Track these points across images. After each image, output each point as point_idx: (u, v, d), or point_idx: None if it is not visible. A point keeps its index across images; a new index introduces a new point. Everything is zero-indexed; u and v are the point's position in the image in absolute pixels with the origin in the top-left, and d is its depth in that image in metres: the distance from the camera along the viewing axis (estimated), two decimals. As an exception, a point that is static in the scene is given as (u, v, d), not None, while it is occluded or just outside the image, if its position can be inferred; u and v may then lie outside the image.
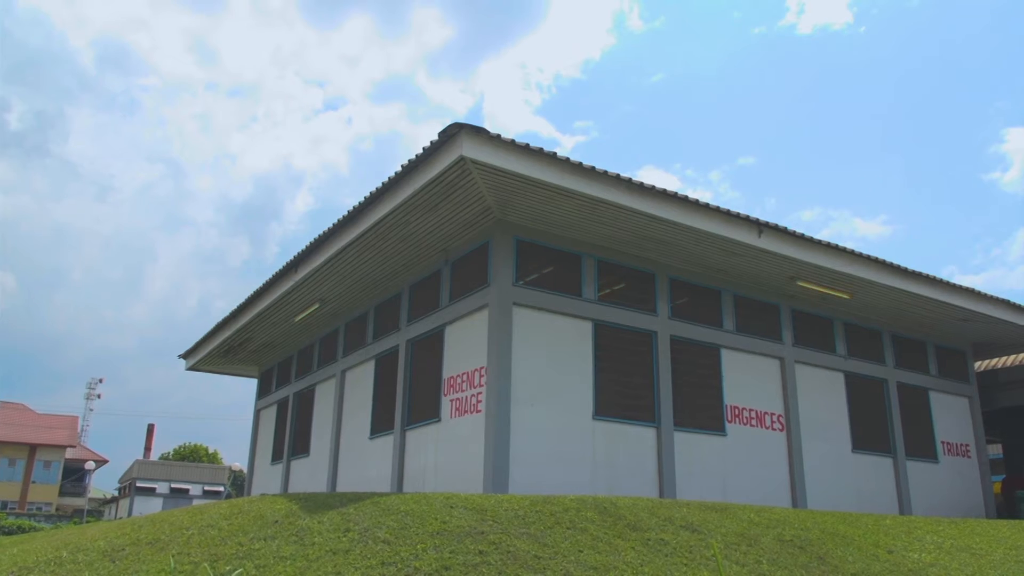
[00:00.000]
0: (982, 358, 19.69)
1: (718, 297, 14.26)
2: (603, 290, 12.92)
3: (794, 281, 14.20)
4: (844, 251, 13.62)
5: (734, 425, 13.75)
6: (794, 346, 15.03)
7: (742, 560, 7.35)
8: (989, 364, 20.07)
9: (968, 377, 18.40)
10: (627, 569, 6.55)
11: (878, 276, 14.17)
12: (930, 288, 15.01)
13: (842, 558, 8.03)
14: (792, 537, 8.47)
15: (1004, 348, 18.85)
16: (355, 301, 16.01)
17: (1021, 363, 19.51)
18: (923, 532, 10.19)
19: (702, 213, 11.98)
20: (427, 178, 10.44)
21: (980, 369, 19.52)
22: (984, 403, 18.70)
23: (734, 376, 13.99)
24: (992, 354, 19.52)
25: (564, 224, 11.99)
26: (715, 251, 12.97)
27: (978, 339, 18.07)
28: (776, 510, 10.10)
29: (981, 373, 19.30)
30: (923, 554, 8.89)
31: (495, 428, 10.89)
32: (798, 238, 13.05)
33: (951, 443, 17.46)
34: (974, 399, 18.29)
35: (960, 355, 18.41)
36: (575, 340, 12.24)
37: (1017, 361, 19.70)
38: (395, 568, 5.96)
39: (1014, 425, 22.62)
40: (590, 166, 10.70)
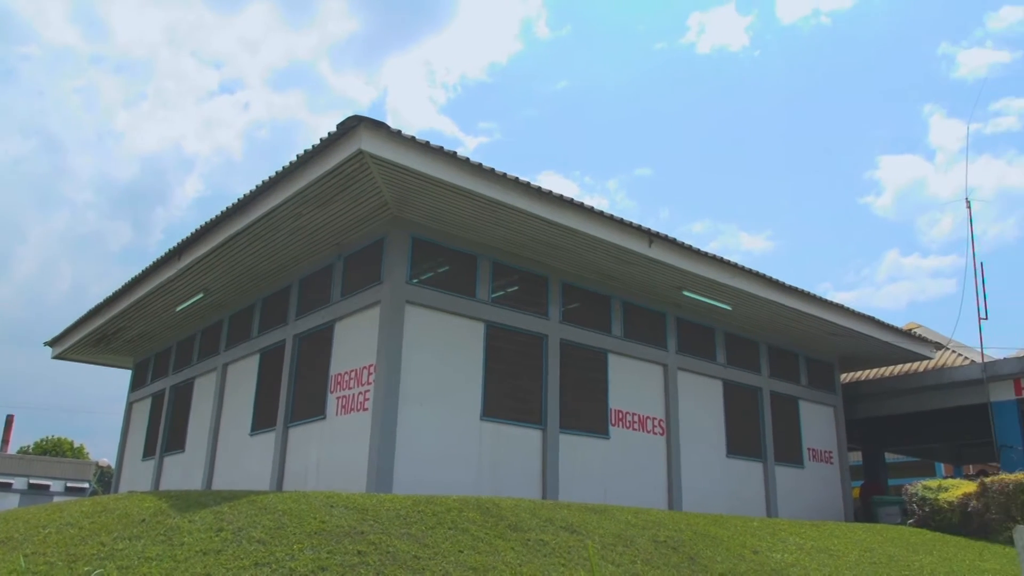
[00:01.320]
0: (847, 371, 20.98)
1: (608, 303, 14.60)
2: (497, 292, 13.00)
3: (680, 291, 14.70)
4: (728, 264, 14.21)
5: (617, 429, 14.10)
6: (677, 353, 15.56)
7: (618, 560, 7.55)
8: (853, 377, 21.41)
9: (834, 388, 19.56)
10: (506, 569, 6.61)
11: (758, 289, 14.86)
12: (805, 303, 15.86)
13: (711, 558, 8.37)
14: (666, 538, 8.76)
15: (867, 362, 20.14)
16: (241, 293, 15.48)
17: (881, 377, 20.91)
18: (787, 534, 10.74)
19: (597, 220, 12.23)
20: (323, 170, 10.22)
21: (845, 381, 20.78)
22: (847, 413, 19.92)
23: (619, 381, 14.35)
24: (856, 367, 20.83)
25: (461, 224, 11.99)
26: (608, 258, 13.27)
27: (845, 353, 19.22)
28: (652, 512, 10.42)
29: (846, 385, 20.55)
30: (785, 555, 9.37)
31: (381, 427, 10.76)
32: (686, 249, 13.52)
33: (816, 450, 18.50)
34: (838, 409, 19.45)
35: (828, 367, 19.54)
36: (467, 341, 12.25)
37: (878, 375, 21.10)
38: (269, 569, 5.80)
39: (873, 434, 24.23)
40: (490, 168, 10.75)
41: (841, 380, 20.13)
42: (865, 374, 21.43)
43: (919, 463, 35.29)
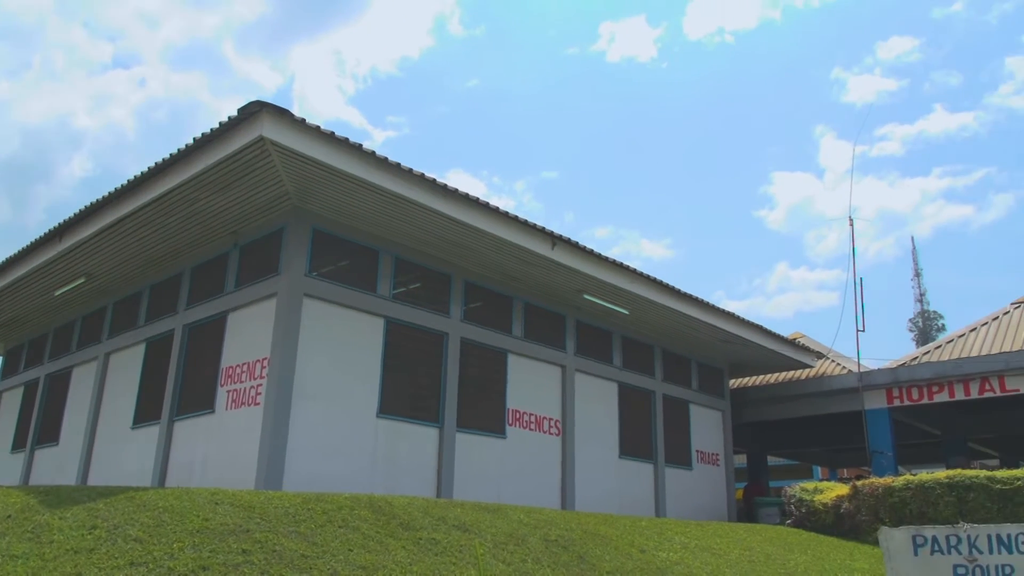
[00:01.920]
0: (736, 377, 21.83)
1: (510, 303, 14.68)
2: (399, 288, 12.86)
3: (581, 294, 14.93)
4: (627, 269, 14.53)
5: (514, 428, 14.19)
6: (576, 355, 15.80)
7: (508, 559, 7.58)
8: (741, 382, 22.30)
9: (723, 393, 20.31)
10: (396, 568, 6.53)
11: (655, 295, 15.27)
12: (698, 310, 16.40)
13: (600, 557, 8.53)
14: (557, 537, 8.87)
15: (755, 368, 21.01)
16: (128, 279, 14.75)
17: (767, 383, 21.86)
18: (673, 533, 11.07)
19: (502, 221, 12.28)
20: (222, 155, 9.85)
21: (733, 386, 21.62)
22: (734, 417, 20.74)
23: (518, 381, 14.45)
24: (745, 373, 21.70)
25: (365, 218, 11.79)
26: (511, 259, 13.33)
27: (734, 359, 19.99)
28: (545, 511, 10.54)
29: (734, 390, 21.38)
30: (671, 553, 9.65)
31: (273, 422, 10.46)
32: (587, 253, 13.74)
33: (704, 452, 19.16)
34: (726, 413, 20.22)
35: (718, 372, 20.28)
36: (365, 336, 12.07)
37: (764, 381, 22.05)
38: (146, 568, 5.53)
39: (757, 438, 25.32)
40: (396, 162, 10.62)
41: (730, 385, 20.92)
42: (752, 380, 22.36)
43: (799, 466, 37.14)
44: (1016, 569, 4.21)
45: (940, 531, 4.50)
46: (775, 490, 24.24)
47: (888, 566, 4.57)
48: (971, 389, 18.12)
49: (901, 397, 19.10)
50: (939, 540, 4.46)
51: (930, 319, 67.91)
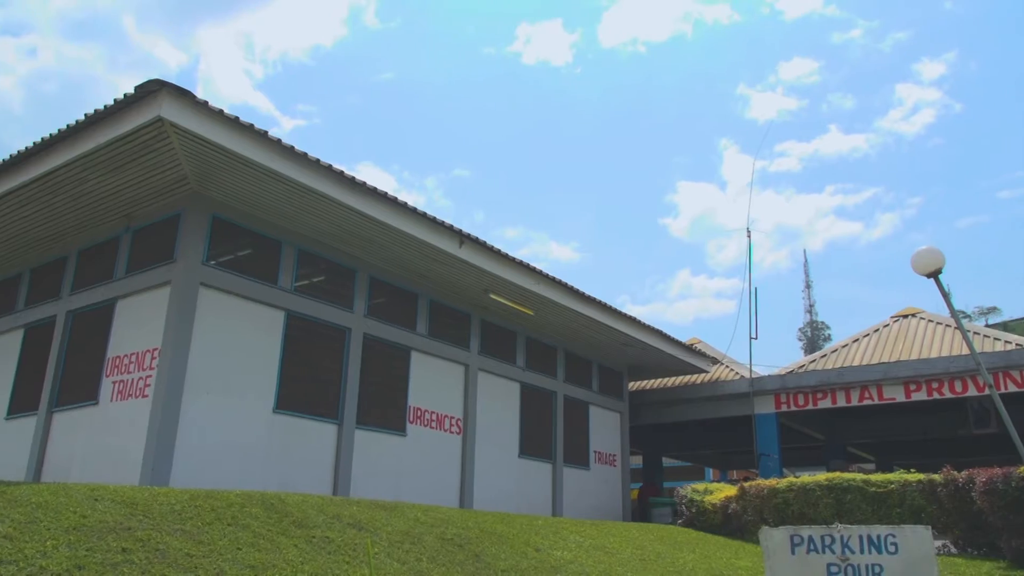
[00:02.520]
0: (635, 379, 22.36)
1: (415, 300, 14.57)
2: (301, 281, 12.56)
3: (487, 293, 14.97)
4: (534, 270, 14.66)
5: (415, 426, 14.10)
6: (480, 354, 15.83)
7: (403, 558, 7.52)
8: (640, 385, 22.86)
9: (622, 395, 20.77)
10: (287, 567, 6.37)
11: (560, 297, 15.46)
12: (601, 313, 16.71)
13: (496, 556, 8.56)
14: (453, 536, 8.86)
15: (653, 372, 21.58)
16: (6, 260, 13.86)
17: (664, 387, 22.48)
18: (568, 532, 11.23)
19: (410, 217, 12.17)
20: (116, 134, 9.36)
21: (632, 389, 22.14)
22: (632, 419, 21.24)
23: (421, 379, 14.36)
24: (643, 376, 22.26)
25: (268, 207, 11.46)
26: (418, 256, 13.24)
27: (634, 362, 20.46)
28: (442, 510, 10.51)
29: (633, 392, 21.90)
30: (565, 552, 9.78)
31: (162, 415, 10.03)
32: (495, 253, 13.79)
33: (602, 453, 19.54)
34: (624, 415, 20.68)
35: (618, 375, 20.71)
36: (264, 329, 11.73)
37: (661, 384, 22.67)
38: (16, 567, 5.20)
39: (653, 439, 26.00)
40: (303, 152, 10.38)
41: (629, 388, 21.41)
42: (650, 383, 22.95)
43: (692, 468, 38.37)
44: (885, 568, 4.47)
45: (816, 531, 4.74)
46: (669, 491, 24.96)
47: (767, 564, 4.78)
48: (852, 396, 19.15)
49: (788, 403, 19.99)
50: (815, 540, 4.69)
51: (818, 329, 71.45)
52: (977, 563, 10.67)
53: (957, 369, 17.70)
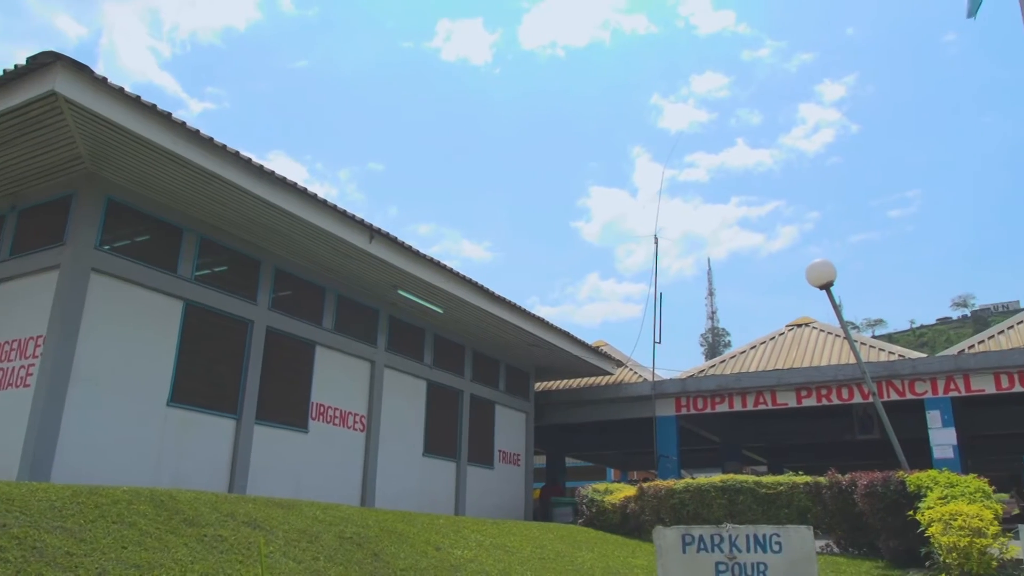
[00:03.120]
0: (542, 380, 22.59)
1: (322, 294, 14.28)
2: (202, 270, 12.12)
3: (396, 289, 14.82)
4: (444, 268, 14.61)
5: (318, 423, 13.82)
6: (387, 351, 15.65)
7: (300, 557, 7.36)
8: (546, 386, 23.10)
9: (529, 395, 20.94)
10: (175, 567, 6.14)
11: (469, 296, 15.46)
12: (510, 313, 16.80)
13: (395, 555, 8.48)
14: (352, 534, 8.73)
15: (560, 373, 21.85)
16: None
17: (570, 388, 22.80)
18: (469, 531, 11.24)
19: (320, 209, 11.92)
20: (4, 107, 8.81)
21: (538, 389, 22.35)
22: (537, 419, 21.44)
23: (325, 374, 14.09)
24: (550, 377, 22.50)
25: (169, 192, 11.01)
26: (327, 249, 12.98)
27: (541, 363, 20.66)
28: (342, 508, 10.34)
29: (539, 392, 22.11)
30: (466, 551, 9.79)
31: (43, 406, 9.48)
32: (405, 249, 13.66)
33: (506, 452, 19.64)
34: (530, 415, 20.85)
35: (525, 375, 20.87)
36: (160, 319, 11.26)
37: (567, 385, 22.98)
38: None
39: (557, 439, 26.31)
40: (209, 137, 10.01)
41: (535, 388, 21.61)
42: (556, 384, 23.23)
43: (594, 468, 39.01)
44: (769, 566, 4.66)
45: (706, 531, 4.90)
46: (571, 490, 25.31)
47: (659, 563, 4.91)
48: (748, 401, 19.88)
49: (688, 406, 20.59)
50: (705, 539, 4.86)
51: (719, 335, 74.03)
52: (857, 562, 11.24)
53: (844, 377, 18.61)
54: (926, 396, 17.88)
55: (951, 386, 17.70)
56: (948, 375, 17.80)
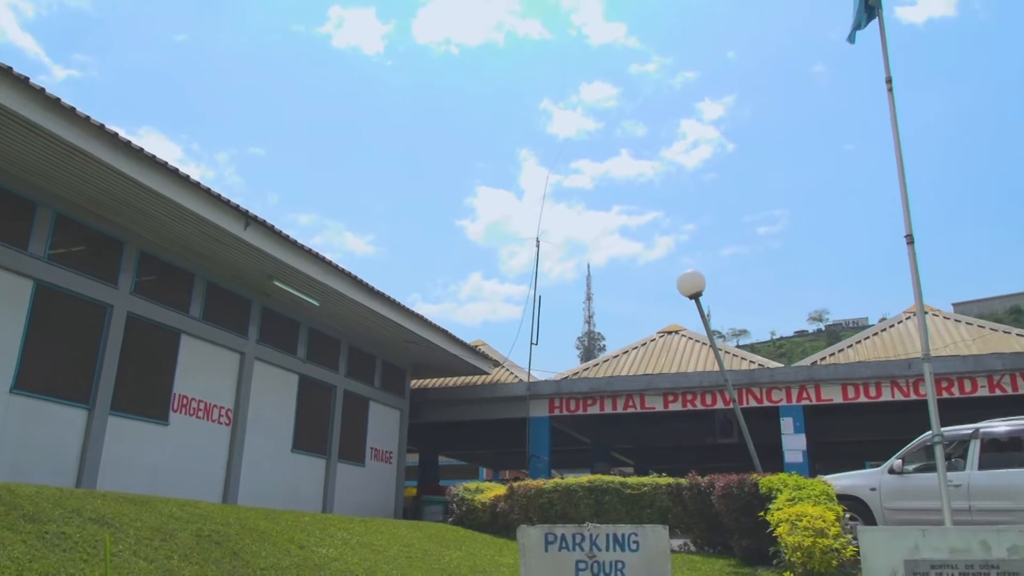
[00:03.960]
0: (418, 378, 22.45)
1: (191, 281, 13.65)
2: (57, 249, 11.32)
3: (271, 280, 14.35)
4: (323, 260, 14.27)
5: (179, 415, 13.19)
6: (258, 343, 15.14)
7: (152, 556, 6.99)
8: (422, 383, 22.99)
9: (404, 392, 20.77)
10: (12, 566, 5.69)
11: (348, 289, 15.17)
12: (389, 309, 16.60)
13: (255, 553, 8.20)
14: (211, 532, 8.38)
15: (437, 371, 21.79)
16: None
17: (446, 386, 22.78)
18: (336, 529, 11.02)
19: (192, 191, 11.39)
20: None
21: (414, 386, 22.21)
22: (412, 416, 21.29)
23: (190, 365, 13.47)
24: (427, 375, 22.41)
25: (23, 163, 10.21)
26: (198, 233, 12.42)
27: (419, 361, 20.54)
28: (201, 505, 9.91)
29: (414, 390, 21.97)
30: (331, 549, 9.58)
31: None
32: (282, 238, 13.26)
33: (379, 449, 19.40)
34: (404, 412, 20.69)
35: (401, 372, 20.69)
36: (7, 299, 10.44)
37: (443, 384, 22.95)
38: None
39: (431, 438, 26.25)
40: (71, 106, 9.37)
41: (411, 385, 21.45)
42: (433, 382, 23.15)
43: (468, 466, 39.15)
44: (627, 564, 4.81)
45: (568, 530, 5.01)
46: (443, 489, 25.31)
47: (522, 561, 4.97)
48: (618, 404, 20.48)
49: (561, 407, 20.99)
50: (567, 538, 4.96)
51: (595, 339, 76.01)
52: (712, 560, 11.77)
53: (709, 384, 19.49)
54: (781, 404, 18.99)
55: (803, 395, 18.88)
56: (801, 384, 18.98)
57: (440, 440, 27.18)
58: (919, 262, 9.11)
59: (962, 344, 19.00)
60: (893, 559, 5.88)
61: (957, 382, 17.90)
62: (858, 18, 9.88)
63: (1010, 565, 5.62)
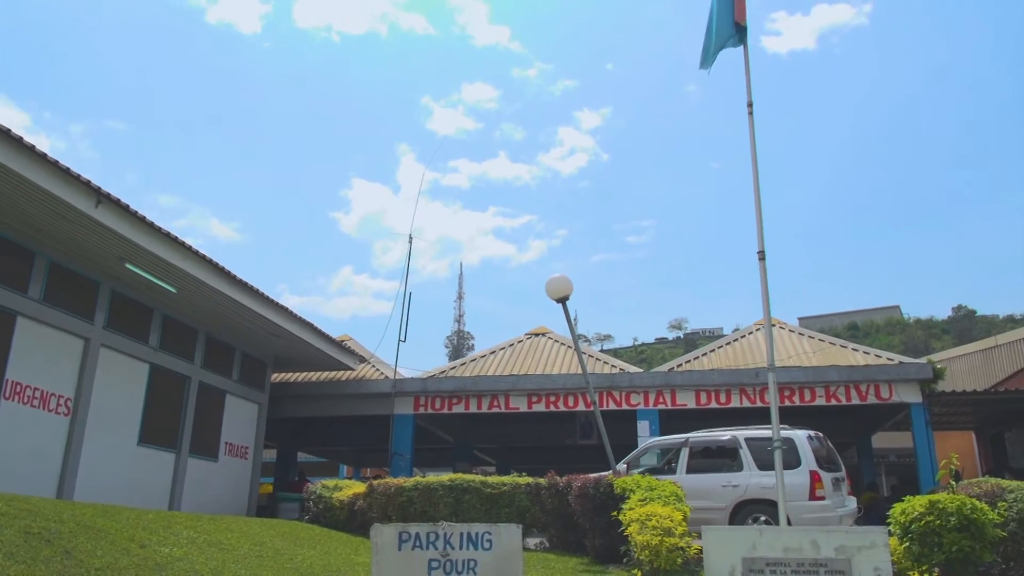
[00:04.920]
0: (280, 371, 21.76)
1: (31, 259, 12.65)
2: None
3: (124, 262, 13.51)
4: (182, 244, 13.58)
5: (12, 403, 12.19)
6: (105, 329, 14.21)
7: (-31, 556, 6.43)
8: (284, 377, 22.31)
9: (264, 386, 20.07)
10: None
11: (209, 277, 14.50)
12: (252, 299, 16.00)
13: (91, 552, 7.70)
14: (41, 530, 7.80)
15: (301, 365, 21.20)
16: None
17: (310, 380, 22.22)
18: (182, 527, 10.52)
19: (36, 163, 10.56)
20: None
21: (276, 380, 21.51)
22: (272, 411, 20.61)
23: (26, 349, 12.48)
24: (289, 369, 21.76)
25: None
26: (42, 209, 11.51)
27: (281, 353, 19.90)
28: (32, 500, 9.21)
29: (275, 384, 21.28)
30: (175, 548, 9.14)
31: None
32: (138, 219, 12.52)
33: (234, 444, 18.66)
34: (263, 406, 20.00)
35: (262, 365, 19.99)
36: None
37: (307, 378, 22.37)
38: None
39: (292, 433, 25.53)
40: None
41: (272, 379, 20.77)
42: (295, 376, 22.52)
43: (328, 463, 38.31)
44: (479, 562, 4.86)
45: (423, 528, 5.01)
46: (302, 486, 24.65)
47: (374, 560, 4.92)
48: (483, 404, 20.64)
49: (427, 405, 20.93)
50: (421, 537, 4.95)
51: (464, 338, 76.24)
52: (566, 558, 12.05)
53: (572, 386, 19.97)
54: (639, 407, 19.72)
55: (660, 399, 19.69)
56: (658, 389, 19.79)
57: (300, 436, 26.46)
58: (769, 277, 9.69)
59: (804, 356, 20.38)
60: (732, 557, 6.23)
61: (798, 391, 19.20)
62: (718, 43, 10.34)
63: (836, 564, 6.08)
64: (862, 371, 19.03)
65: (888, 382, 18.88)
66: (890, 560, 6.18)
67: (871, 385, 18.91)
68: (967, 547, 8.18)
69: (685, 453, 13.29)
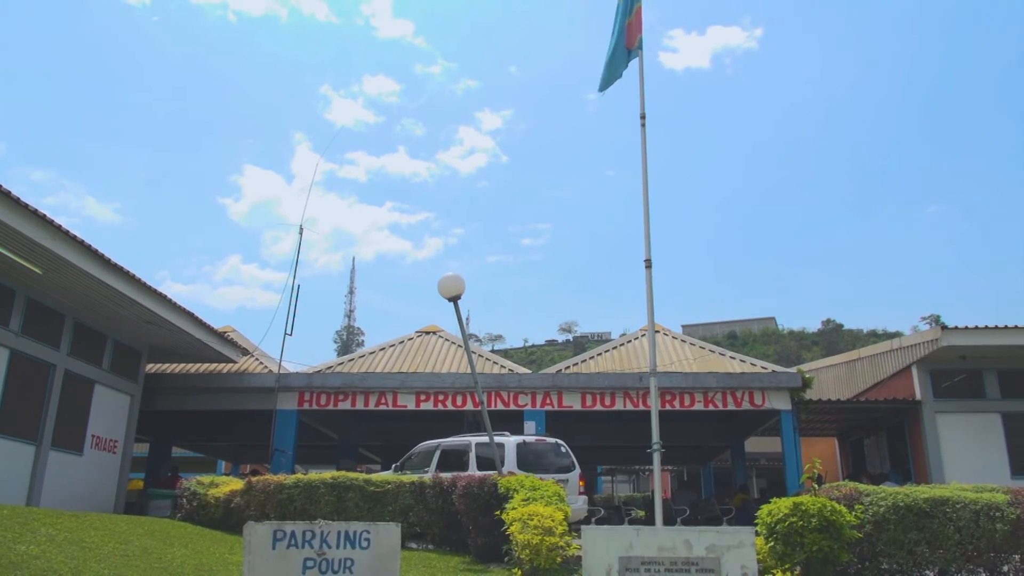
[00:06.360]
0: (155, 361, 20.75)
1: None
2: None
3: (-16, 240, 12.55)
4: (50, 223, 12.73)
5: None
6: (-40, 311, 13.17)
7: None
8: (159, 368, 21.30)
9: (137, 377, 19.08)
10: None
11: (80, 260, 13.66)
12: (127, 285, 15.17)
13: (-69, 552, 7.12)
14: None
15: (178, 356, 20.27)
16: None
17: (187, 372, 21.29)
18: (40, 524, 9.89)
19: None
20: None
21: (150, 371, 20.50)
22: (146, 403, 19.60)
23: None
24: (165, 360, 20.77)
25: None
26: None
27: (157, 343, 18.98)
28: None
29: (150, 375, 20.27)
30: (32, 546, 8.58)
31: None
32: (2, 195, 11.66)
33: (101, 438, 17.64)
34: (136, 398, 19.00)
35: (136, 355, 19.00)
36: None
37: (184, 370, 21.43)
38: None
39: (166, 427, 24.40)
40: None
41: (146, 370, 19.78)
42: (171, 367, 21.54)
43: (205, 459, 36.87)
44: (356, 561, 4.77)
45: (299, 527, 4.87)
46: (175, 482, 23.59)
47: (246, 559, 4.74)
48: (371, 400, 20.36)
49: (312, 401, 20.46)
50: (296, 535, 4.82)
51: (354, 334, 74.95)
52: (448, 557, 12.04)
53: (461, 385, 19.97)
54: (527, 408, 19.93)
55: (547, 400, 19.98)
56: (546, 391, 20.07)
57: (176, 429, 25.32)
58: (655, 285, 10.01)
59: (685, 362, 21.13)
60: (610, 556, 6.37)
61: (679, 396, 19.88)
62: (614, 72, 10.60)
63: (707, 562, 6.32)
64: (738, 378, 19.90)
65: (761, 389, 19.82)
66: (756, 559, 6.48)
67: (746, 392, 19.81)
68: (826, 547, 8.68)
69: (438, 455, 15.48)
